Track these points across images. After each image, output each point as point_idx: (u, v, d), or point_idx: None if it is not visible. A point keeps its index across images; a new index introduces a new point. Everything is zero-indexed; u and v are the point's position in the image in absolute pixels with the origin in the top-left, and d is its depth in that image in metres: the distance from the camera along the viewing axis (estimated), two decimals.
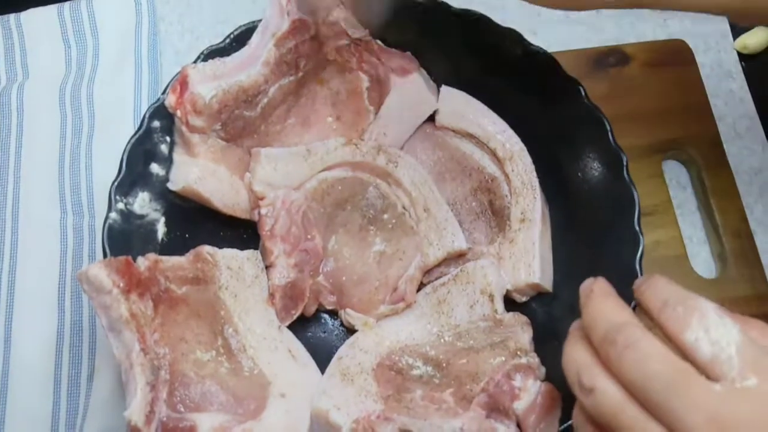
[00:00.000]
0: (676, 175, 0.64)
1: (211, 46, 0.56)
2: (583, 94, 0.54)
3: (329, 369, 0.49)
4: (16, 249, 0.59)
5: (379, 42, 0.57)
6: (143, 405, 0.41)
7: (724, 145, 0.64)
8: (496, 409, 0.44)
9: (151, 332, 0.45)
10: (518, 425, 0.44)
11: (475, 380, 0.46)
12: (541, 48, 0.56)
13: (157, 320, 0.46)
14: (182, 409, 0.43)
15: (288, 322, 0.51)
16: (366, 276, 0.53)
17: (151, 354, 0.44)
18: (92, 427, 0.53)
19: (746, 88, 0.68)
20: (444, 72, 0.59)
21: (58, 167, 0.62)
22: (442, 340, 0.49)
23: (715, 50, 0.69)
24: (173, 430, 0.42)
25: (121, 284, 0.44)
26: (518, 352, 0.47)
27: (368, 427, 0.43)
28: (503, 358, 0.46)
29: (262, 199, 0.53)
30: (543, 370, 0.47)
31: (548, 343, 0.48)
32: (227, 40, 0.56)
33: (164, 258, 0.49)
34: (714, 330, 0.30)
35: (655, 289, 0.32)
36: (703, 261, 0.61)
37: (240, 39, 0.56)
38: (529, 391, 0.45)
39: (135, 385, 0.42)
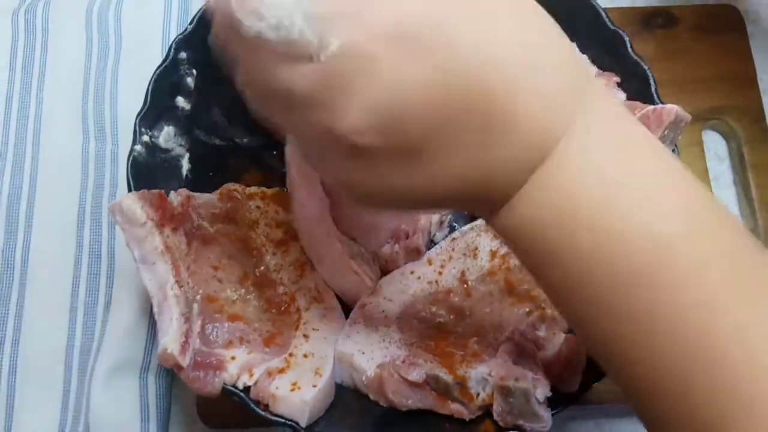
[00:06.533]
0: (714, 146, 0.63)
1: None
2: (628, 46, 0.52)
3: (353, 315, 0.48)
4: (36, 172, 0.58)
5: None
6: (178, 335, 0.41)
7: (767, 121, 0.62)
8: (522, 356, 0.43)
9: (185, 267, 0.44)
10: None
11: (500, 330, 0.45)
12: None
13: (191, 256, 0.45)
14: (212, 345, 0.43)
15: None
16: None
17: (185, 287, 0.43)
18: (108, 356, 0.53)
19: None
20: None
21: (82, 92, 0.59)
22: (465, 285, 0.48)
23: (767, 21, 0.67)
24: (201, 364, 0.42)
25: (155, 217, 0.43)
26: (543, 303, 0.46)
27: (394, 371, 0.42)
28: (527, 309, 0.45)
29: None
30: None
31: None
32: None
33: (196, 194, 0.48)
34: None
35: None
36: None
37: None
38: (554, 342, 0.44)
39: (170, 315, 0.41)
